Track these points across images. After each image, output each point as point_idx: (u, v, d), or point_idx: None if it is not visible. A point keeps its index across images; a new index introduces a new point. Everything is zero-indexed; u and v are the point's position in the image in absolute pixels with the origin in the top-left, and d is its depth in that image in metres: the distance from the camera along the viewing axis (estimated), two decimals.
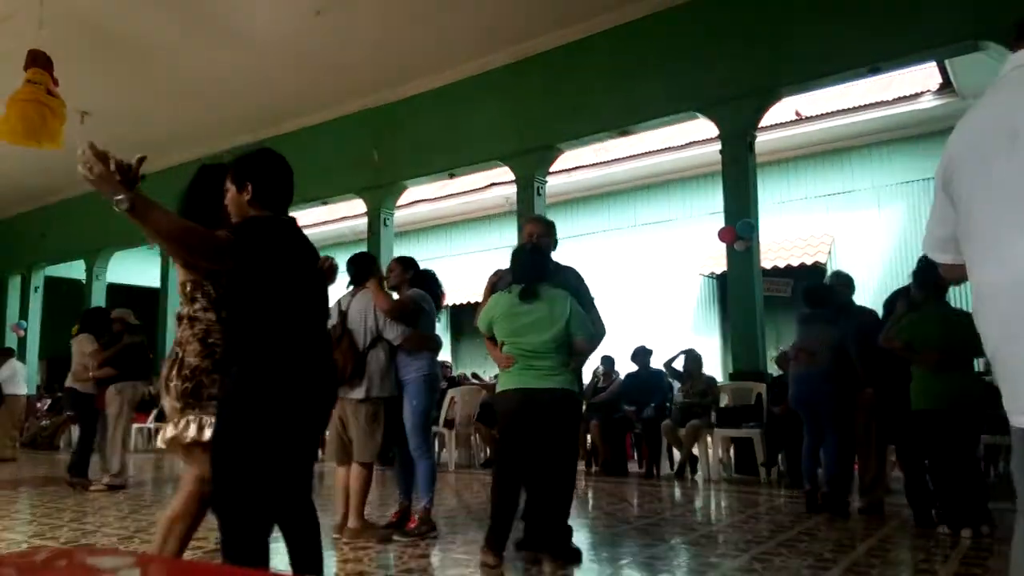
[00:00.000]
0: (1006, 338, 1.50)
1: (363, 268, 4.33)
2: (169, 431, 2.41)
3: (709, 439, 6.91)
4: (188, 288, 2.46)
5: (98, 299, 12.88)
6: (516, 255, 3.68)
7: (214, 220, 2.27)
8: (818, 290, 5.33)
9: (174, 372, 2.41)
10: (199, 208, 2.43)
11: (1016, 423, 1.49)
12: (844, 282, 5.37)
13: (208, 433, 2.29)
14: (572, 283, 3.75)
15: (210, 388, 2.37)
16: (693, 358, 7.33)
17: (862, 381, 4.90)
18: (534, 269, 3.61)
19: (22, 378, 9.13)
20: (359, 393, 4.07)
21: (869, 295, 9.97)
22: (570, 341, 3.50)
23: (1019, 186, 1.50)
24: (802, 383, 5.05)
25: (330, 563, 3.60)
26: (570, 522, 3.73)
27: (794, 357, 5.10)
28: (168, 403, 2.43)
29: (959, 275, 1.76)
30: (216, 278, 2.40)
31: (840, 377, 4.88)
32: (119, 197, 1.89)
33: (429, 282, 4.45)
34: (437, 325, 4.56)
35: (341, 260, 3.61)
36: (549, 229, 3.91)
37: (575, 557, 3.55)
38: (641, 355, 7.78)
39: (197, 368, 2.40)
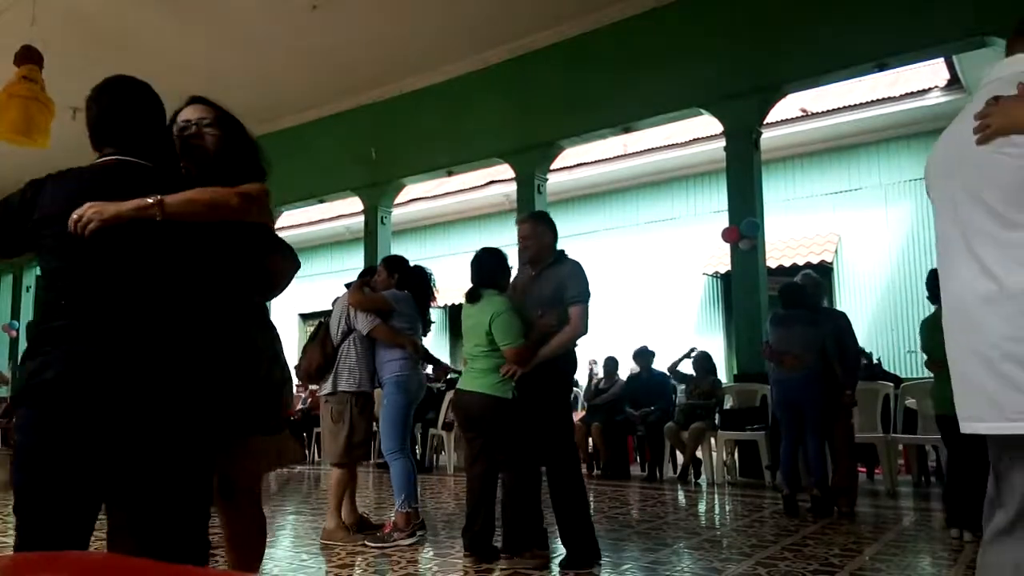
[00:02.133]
0: (949, 355, 1.63)
1: (363, 272, 4.54)
2: None
3: (713, 441, 6.82)
4: None
5: None
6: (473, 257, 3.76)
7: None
8: (796, 290, 5.22)
9: None
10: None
11: (962, 429, 1.61)
12: (816, 283, 5.33)
13: None
14: (561, 276, 3.64)
15: None
16: (703, 358, 7.24)
17: (842, 383, 4.91)
18: (477, 272, 3.69)
19: None
20: (326, 387, 4.20)
21: (877, 294, 9.91)
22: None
23: (967, 213, 1.54)
24: (787, 386, 4.96)
25: (324, 567, 3.55)
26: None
27: (777, 360, 4.98)
28: None
29: None
30: None
31: (826, 379, 4.86)
32: None
33: (419, 281, 4.39)
34: (432, 324, 4.52)
35: (341, 260, 3.60)
36: (535, 229, 3.70)
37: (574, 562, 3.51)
38: (643, 356, 7.68)
39: None
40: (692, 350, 7.41)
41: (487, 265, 3.68)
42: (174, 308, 1.69)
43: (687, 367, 7.36)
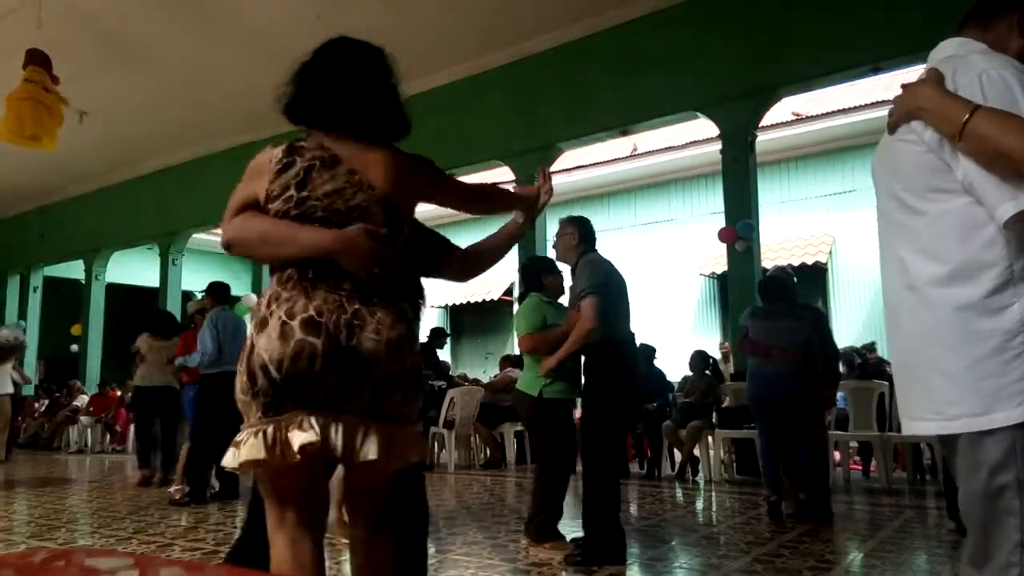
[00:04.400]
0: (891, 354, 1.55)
1: None
2: None
3: (710, 440, 6.88)
4: None
5: (97, 299, 12.88)
6: None
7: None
8: (780, 283, 4.98)
9: None
10: None
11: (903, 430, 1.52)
12: (791, 277, 5.20)
13: None
14: (577, 275, 3.77)
15: None
16: (700, 357, 7.27)
17: (825, 381, 4.72)
18: (519, 280, 4.12)
19: (7, 378, 9.01)
20: None
21: (871, 295, 10.00)
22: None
23: (885, 206, 1.46)
24: (768, 381, 4.68)
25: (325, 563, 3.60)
26: (567, 524, 3.76)
27: (763, 353, 4.71)
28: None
29: None
30: None
31: (811, 377, 4.63)
32: None
33: None
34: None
35: None
36: (561, 229, 3.92)
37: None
38: (642, 353, 7.72)
39: None
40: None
41: (526, 272, 4.07)
42: None
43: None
